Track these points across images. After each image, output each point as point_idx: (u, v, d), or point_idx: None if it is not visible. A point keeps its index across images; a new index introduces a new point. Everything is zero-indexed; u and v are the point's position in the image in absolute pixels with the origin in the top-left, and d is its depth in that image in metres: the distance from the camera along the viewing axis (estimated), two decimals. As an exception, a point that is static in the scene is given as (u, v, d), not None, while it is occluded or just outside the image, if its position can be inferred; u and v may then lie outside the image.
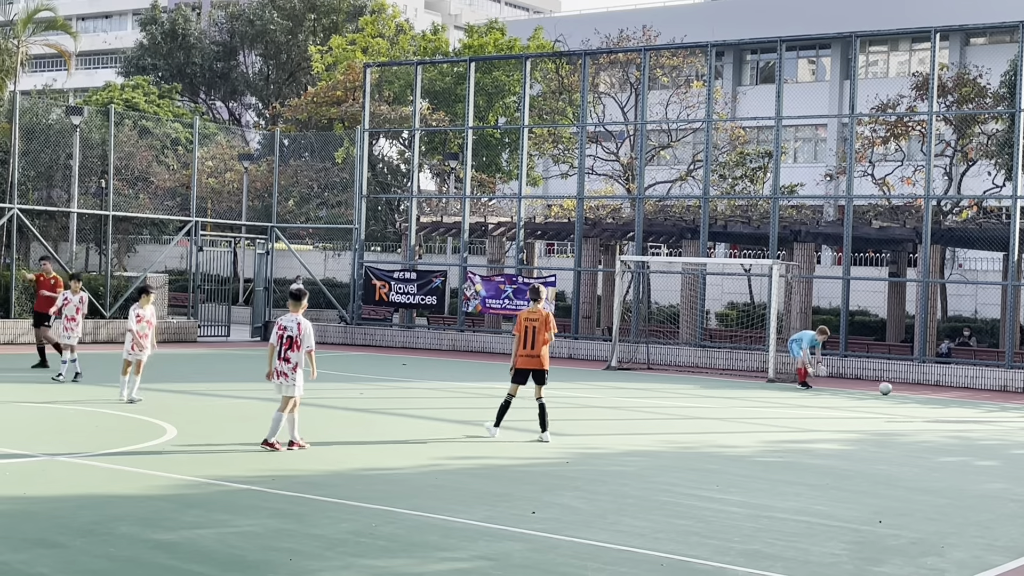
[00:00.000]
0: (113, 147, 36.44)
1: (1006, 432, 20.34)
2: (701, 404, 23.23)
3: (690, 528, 10.91)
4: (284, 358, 14.75)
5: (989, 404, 25.62)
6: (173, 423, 16.49)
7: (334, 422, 17.76)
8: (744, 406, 23.11)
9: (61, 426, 16.15)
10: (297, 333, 14.81)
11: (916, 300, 32.99)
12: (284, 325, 14.92)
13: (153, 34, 73.42)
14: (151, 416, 17.03)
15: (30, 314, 32.72)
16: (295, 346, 14.78)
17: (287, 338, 14.80)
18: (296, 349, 14.77)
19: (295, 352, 14.76)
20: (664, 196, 41.80)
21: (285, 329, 14.87)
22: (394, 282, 37.33)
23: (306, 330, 14.87)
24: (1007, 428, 21.02)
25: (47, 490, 11.64)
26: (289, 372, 14.73)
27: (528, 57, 39.24)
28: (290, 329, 14.84)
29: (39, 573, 8.46)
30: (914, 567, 9.72)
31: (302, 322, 14.93)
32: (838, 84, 60.00)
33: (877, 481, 14.12)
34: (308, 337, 14.86)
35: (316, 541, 9.79)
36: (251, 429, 16.46)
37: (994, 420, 22.40)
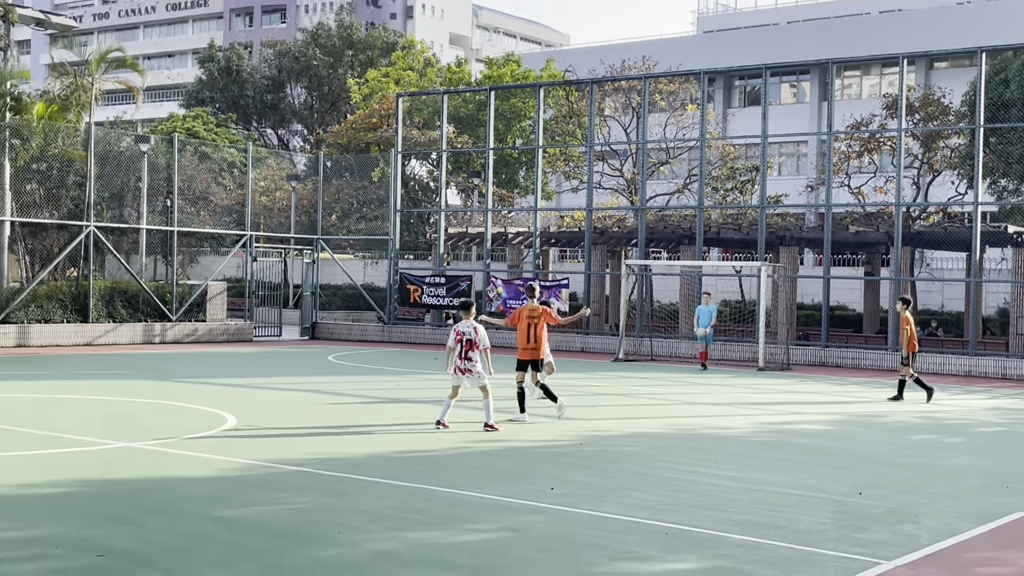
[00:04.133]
0: (177, 170, 36.57)
1: (971, 412, 20.25)
2: (699, 391, 23.19)
3: (692, 501, 10.88)
4: (467, 357, 15.17)
5: (955, 388, 25.49)
6: (233, 413, 16.54)
7: (374, 411, 17.78)
8: (737, 392, 23.07)
9: (134, 418, 16.20)
10: (475, 336, 15.20)
11: (889, 296, 32.87)
12: (462, 331, 15.25)
13: (210, 70, 73.69)
14: (214, 407, 17.08)
15: (106, 319, 32.90)
16: (475, 347, 15.19)
17: (467, 341, 15.17)
18: (476, 349, 15.21)
19: (475, 352, 15.21)
20: (664, 207, 41.72)
21: (464, 334, 15.20)
22: (426, 286, 37.34)
23: (482, 333, 15.31)
24: (972, 409, 20.93)
25: (124, 474, 11.67)
26: (473, 368, 15.21)
27: (541, 86, 39.23)
28: (468, 333, 15.19)
29: (118, 547, 8.49)
30: (892, 533, 9.68)
31: (478, 327, 15.32)
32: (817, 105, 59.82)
33: (858, 457, 14.07)
34: (484, 339, 15.31)
35: (361, 516, 9.80)
36: (302, 417, 16.52)
37: (960, 402, 22.29)
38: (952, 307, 44.19)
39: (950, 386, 25.96)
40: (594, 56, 57.52)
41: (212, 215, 46.14)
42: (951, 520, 10.33)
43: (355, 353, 31.60)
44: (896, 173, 32.06)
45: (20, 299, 31.05)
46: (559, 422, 16.78)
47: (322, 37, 72.79)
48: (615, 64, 48.62)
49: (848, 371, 29.38)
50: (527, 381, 16.76)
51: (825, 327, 32.07)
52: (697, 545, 9.08)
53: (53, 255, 33.66)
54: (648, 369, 28.42)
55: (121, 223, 37.12)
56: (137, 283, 34.33)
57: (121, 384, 21.04)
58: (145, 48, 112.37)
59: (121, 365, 25.37)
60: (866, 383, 25.65)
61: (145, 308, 34.21)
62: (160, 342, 33.86)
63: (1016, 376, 28.43)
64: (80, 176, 34.13)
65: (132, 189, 37.82)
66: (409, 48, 62.50)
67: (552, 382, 20.54)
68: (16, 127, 32.87)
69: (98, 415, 16.35)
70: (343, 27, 73.53)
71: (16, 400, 18.16)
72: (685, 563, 8.50)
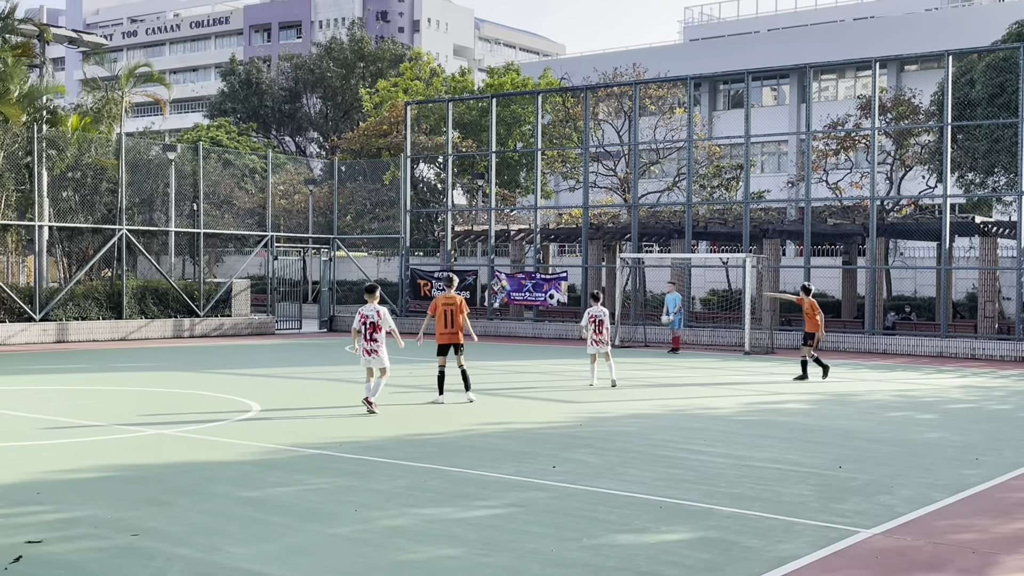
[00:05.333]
0: (202, 176, 36.56)
1: (942, 390, 20.23)
2: (689, 374, 23.17)
3: (683, 476, 10.88)
4: (372, 339, 15.10)
5: (928, 368, 25.48)
6: (257, 401, 16.55)
7: (388, 397, 17.78)
8: (725, 374, 23.05)
9: (165, 407, 16.22)
10: (379, 319, 15.13)
11: (865, 283, 32.84)
12: (366, 314, 15.18)
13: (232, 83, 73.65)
14: (239, 395, 17.09)
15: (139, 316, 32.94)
16: (379, 329, 15.13)
17: (371, 323, 15.07)
18: (380, 331, 15.15)
19: (380, 333, 15.14)
20: (655, 204, 41.67)
21: (367, 317, 15.13)
22: (435, 280, 37.32)
23: (385, 315, 15.27)
24: (943, 387, 20.90)
25: (155, 458, 11.68)
26: (379, 350, 15.17)
27: (539, 93, 39.17)
28: (372, 316, 15.11)
29: (151, 527, 8.49)
30: (870, 504, 9.67)
31: (381, 310, 15.28)
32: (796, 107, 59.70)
33: (837, 434, 14.06)
34: (388, 321, 15.27)
35: (376, 494, 9.80)
36: (321, 404, 16.52)
37: (932, 381, 22.27)
38: (924, 293, 44.13)
39: (923, 366, 25.95)
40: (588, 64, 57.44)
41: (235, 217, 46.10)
42: (925, 490, 10.32)
43: (370, 344, 31.57)
44: (870, 169, 32.00)
45: (58, 298, 31.08)
46: (561, 405, 16.79)
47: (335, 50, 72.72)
48: (608, 71, 48.51)
49: (827, 354, 29.31)
50: (447, 364, 16.93)
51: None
52: (689, 517, 9.07)
53: (88, 257, 33.67)
54: (642, 355, 28.41)
55: (151, 226, 37.12)
56: (167, 282, 34.34)
57: (152, 376, 21.05)
58: (171, 63, 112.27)
59: (152, 358, 25.39)
60: (844, 364, 25.61)
61: (175, 305, 34.24)
62: (189, 336, 33.88)
63: (984, 356, 28.41)
64: (112, 183, 34.13)
65: (161, 194, 37.82)
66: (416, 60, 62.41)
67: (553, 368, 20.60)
68: (52, 138, 32.88)
69: (131, 404, 16.36)
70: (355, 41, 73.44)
71: (56, 392, 18.19)
72: (678, 534, 8.50)
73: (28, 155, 31.62)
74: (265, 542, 8.06)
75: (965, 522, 9.10)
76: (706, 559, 7.73)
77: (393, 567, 7.45)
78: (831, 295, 44.50)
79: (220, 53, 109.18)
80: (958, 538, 8.51)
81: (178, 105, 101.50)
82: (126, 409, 15.78)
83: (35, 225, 31.54)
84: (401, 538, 8.23)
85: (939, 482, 10.79)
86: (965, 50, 33.35)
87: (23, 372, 21.52)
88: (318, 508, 9.22)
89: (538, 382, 20.80)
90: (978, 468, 11.65)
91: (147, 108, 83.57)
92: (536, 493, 9.95)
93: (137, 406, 16.15)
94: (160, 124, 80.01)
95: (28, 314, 30.18)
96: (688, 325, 33.17)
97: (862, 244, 37.89)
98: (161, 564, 7.43)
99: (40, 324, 30.28)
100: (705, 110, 61.35)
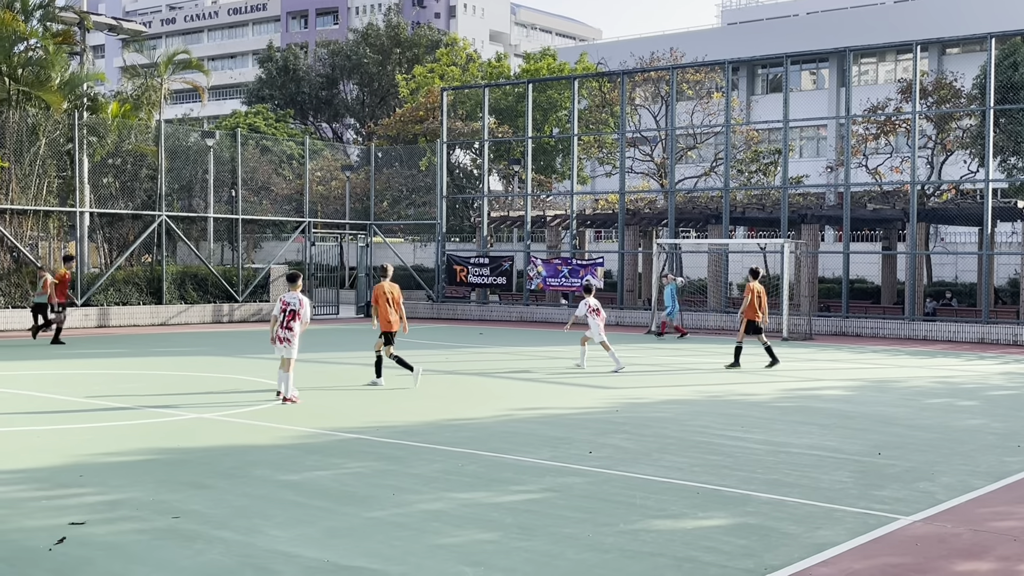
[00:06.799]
0: (240, 163, 36.79)
1: (983, 377, 20.01)
2: (726, 360, 23.05)
3: (721, 462, 10.84)
4: (288, 327, 14.78)
5: (969, 354, 25.20)
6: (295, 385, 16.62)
7: (425, 382, 17.85)
8: (763, 360, 22.92)
9: (204, 391, 16.36)
10: (299, 307, 14.88)
11: (905, 269, 32.52)
12: (288, 301, 14.93)
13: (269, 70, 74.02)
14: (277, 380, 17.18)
15: (178, 301, 33.26)
16: (297, 317, 14.85)
17: (291, 311, 14.84)
18: (297, 320, 14.85)
19: (296, 322, 14.83)
20: (692, 189, 41.46)
21: (288, 304, 14.89)
22: (471, 266, 37.38)
23: (306, 306, 14.99)
24: (984, 373, 20.68)
25: (196, 442, 11.80)
26: (292, 339, 14.80)
27: (576, 78, 39.04)
28: (293, 304, 14.87)
29: (192, 509, 8.58)
30: (909, 491, 9.60)
31: (303, 299, 15.03)
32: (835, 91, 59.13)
33: (876, 420, 13.95)
34: (307, 314, 14.96)
35: (414, 479, 9.85)
36: (358, 389, 16.60)
37: (973, 367, 22.03)
38: (965, 278, 43.64)
39: (964, 352, 25.68)
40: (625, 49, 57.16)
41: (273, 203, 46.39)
42: (966, 478, 10.22)
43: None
44: (911, 153, 31.64)
45: (100, 283, 31.43)
46: (597, 391, 16.78)
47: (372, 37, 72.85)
48: (645, 56, 48.27)
49: (867, 340, 29.11)
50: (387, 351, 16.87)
51: (845, 299, 31.80)
52: (726, 503, 9.04)
53: (129, 243, 34.01)
54: (678, 341, 28.30)
55: (190, 212, 37.42)
56: (206, 267, 34.63)
57: (192, 360, 21.25)
58: (209, 50, 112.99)
59: (192, 343, 25.63)
60: (884, 351, 25.39)
61: (213, 290, 34.53)
62: (228, 321, 34.16)
63: (1027, 343, 28.04)
64: (152, 169, 34.43)
65: (200, 181, 38.11)
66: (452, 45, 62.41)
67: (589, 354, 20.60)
68: (93, 125, 33.21)
69: (171, 388, 16.53)
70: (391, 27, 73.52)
71: (97, 376, 18.41)
72: (715, 520, 8.47)
73: (69, 142, 31.96)
74: (304, 525, 8.12)
75: (1006, 509, 9.01)
76: (744, 545, 7.71)
77: (430, 550, 7.49)
78: (870, 281, 44.12)
79: (257, 40, 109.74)
80: (999, 525, 8.42)
81: (216, 92, 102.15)
82: (166, 393, 15.94)
83: (76, 211, 31.89)
84: (438, 522, 8.26)
85: (980, 469, 10.68)
86: (1008, 32, 32.85)
87: (65, 356, 21.79)
88: (356, 492, 9.27)
89: (574, 368, 20.77)
90: (1020, 455, 11.51)
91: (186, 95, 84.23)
92: (572, 478, 9.96)
93: (177, 390, 16.30)
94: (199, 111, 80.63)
95: (70, 299, 30.53)
96: (725, 311, 33.01)
97: (902, 229, 37.51)
98: (202, 546, 7.51)
99: (82, 309, 30.64)
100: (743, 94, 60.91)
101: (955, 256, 43.63)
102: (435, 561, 7.23)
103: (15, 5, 32.05)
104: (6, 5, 31.61)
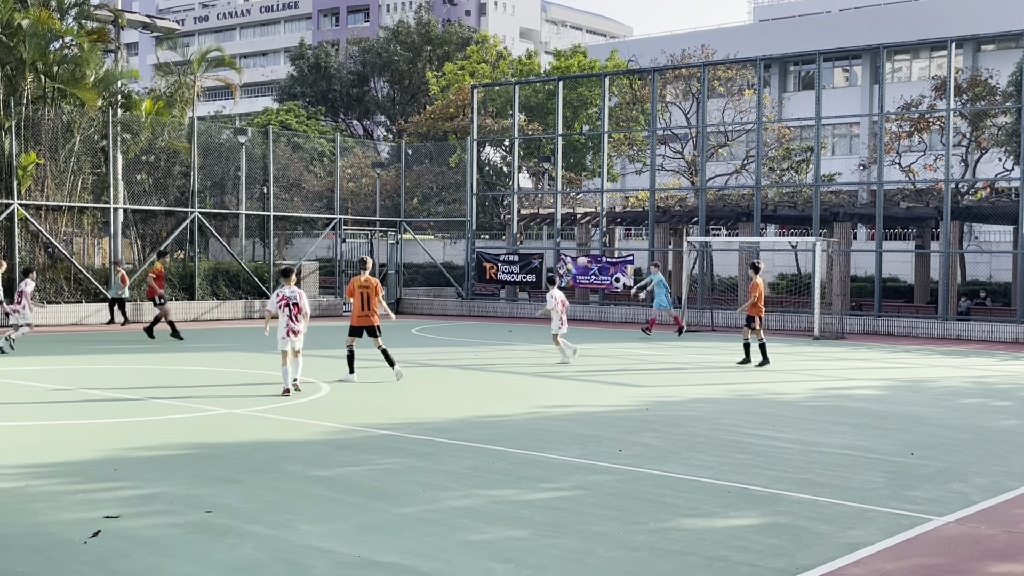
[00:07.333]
0: (272, 160, 37.01)
1: (1018, 377, 19.81)
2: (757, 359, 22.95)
3: (751, 461, 10.80)
4: (296, 319, 15.13)
5: (1003, 354, 24.96)
6: (326, 382, 16.74)
7: (455, 379, 17.90)
8: (794, 359, 22.81)
9: (236, 387, 16.47)
10: (300, 300, 15.22)
11: (939, 268, 32.24)
12: (287, 296, 15.17)
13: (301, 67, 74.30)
14: (308, 376, 17.28)
15: (210, 297, 33.51)
16: (300, 310, 15.20)
17: (293, 305, 15.15)
18: (301, 312, 15.21)
19: (302, 315, 15.21)
20: (722, 187, 41.29)
21: (289, 299, 15.17)
22: (500, 264, 37.41)
23: (305, 298, 15.38)
24: (1019, 373, 20.47)
25: (227, 437, 11.88)
26: (301, 331, 15.19)
27: (606, 75, 38.97)
28: (293, 298, 15.17)
29: (225, 503, 8.65)
30: (942, 491, 9.53)
31: (301, 293, 15.34)
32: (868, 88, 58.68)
33: (909, 420, 13.85)
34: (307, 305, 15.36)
35: (444, 475, 9.88)
36: (389, 385, 16.66)
37: (1008, 367, 21.82)
38: (1000, 277, 43.22)
39: (998, 352, 25.43)
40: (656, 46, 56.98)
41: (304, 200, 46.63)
42: (1000, 479, 10.14)
43: (436, 326, 31.80)
44: (945, 151, 31.36)
45: (133, 279, 31.71)
46: (627, 388, 16.76)
47: (402, 34, 72.99)
48: (676, 53, 48.12)
49: (899, 339, 28.89)
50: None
51: (878, 298, 31.57)
52: (757, 502, 9.01)
53: (162, 239, 34.30)
54: (709, 339, 28.21)
55: (222, 209, 37.68)
56: (238, 263, 34.86)
57: (224, 356, 21.40)
58: (241, 48, 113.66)
59: (224, 339, 25.80)
60: (917, 350, 25.20)
61: (245, 286, 34.75)
62: (259, 317, 34.35)
63: (1062, 343, 27.73)
64: (185, 166, 34.70)
65: (232, 178, 38.38)
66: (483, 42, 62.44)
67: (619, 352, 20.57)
68: (127, 122, 33.50)
69: (203, 384, 16.65)
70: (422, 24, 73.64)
71: (130, 370, 18.58)
72: (746, 519, 8.45)
73: (104, 139, 32.26)
74: (335, 520, 8.17)
75: (1041, 511, 8.92)
76: (775, 544, 7.68)
77: (460, 547, 7.51)
78: (903, 280, 43.79)
79: (289, 37, 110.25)
80: (1034, 527, 8.35)
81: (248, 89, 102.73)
82: (198, 388, 16.07)
83: (110, 208, 32.19)
84: (468, 518, 8.29)
85: (1014, 470, 10.58)
86: (1045, 29, 32.50)
87: (99, 351, 22.01)
88: (387, 488, 9.31)
89: (603, 366, 20.76)
90: (1055, 457, 11.40)
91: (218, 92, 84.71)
92: (602, 476, 9.95)
93: (208, 386, 16.43)
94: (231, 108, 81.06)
95: (104, 295, 30.82)
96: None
97: (936, 228, 37.21)
98: (234, 540, 7.57)
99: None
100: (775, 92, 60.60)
101: (989, 255, 43.21)
102: (465, 557, 7.25)
103: (51, 3, 32.39)
104: (42, 3, 31.95)
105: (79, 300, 30.64)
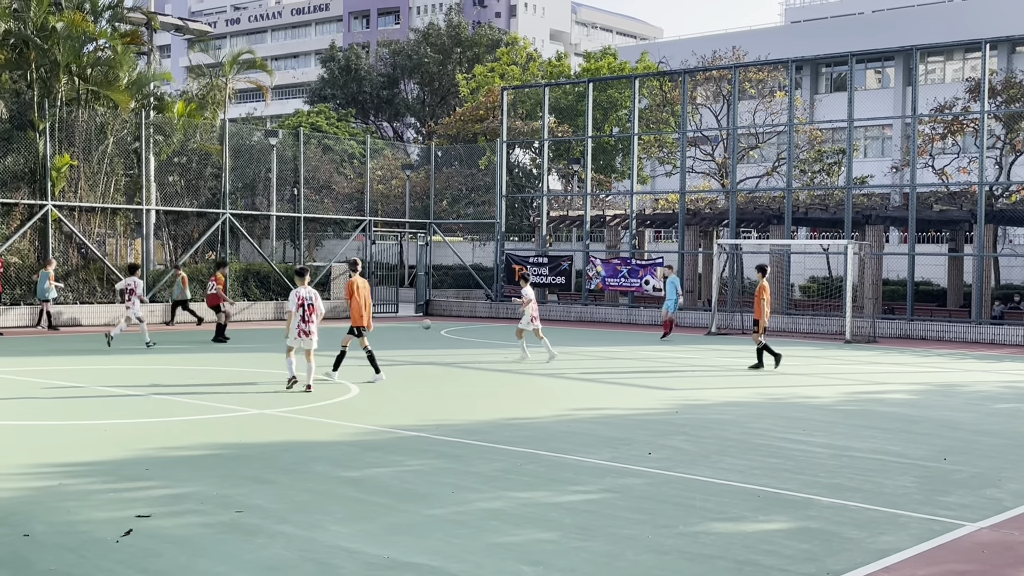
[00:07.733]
0: (302, 162, 37.19)
1: (1054, 382, 19.59)
2: (788, 362, 22.80)
3: (781, 466, 10.74)
4: (309, 320, 15.40)
5: (1038, 359, 24.69)
6: (355, 383, 16.80)
7: (486, 381, 17.91)
8: (825, 363, 22.68)
9: (266, 387, 16.55)
10: (316, 301, 15.47)
11: (972, 271, 31.96)
12: (304, 296, 15.38)
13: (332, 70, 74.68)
14: (338, 377, 17.35)
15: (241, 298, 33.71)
16: (314, 310, 15.44)
17: (309, 305, 15.38)
18: (315, 312, 15.45)
19: (315, 315, 15.45)
20: (753, 189, 41.10)
21: (305, 299, 15.38)
22: (530, 265, 37.41)
23: (319, 299, 15.66)
24: (1055, 379, 20.24)
25: (257, 438, 11.94)
26: (313, 332, 15.46)
27: (636, 77, 38.89)
28: (309, 298, 15.38)
29: (255, 504, 8.70)
30: (975, 497, 9.44)
31: (316, 294, 15.59)
32: (901, 90, 58.24)
33: (941, 425, 13.73)
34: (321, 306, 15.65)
35: (473, 477, 9.89)
36: (418, 387, 16.70)
37: (1043, 372, 21.57)
38: (1034, 281, 42.77)
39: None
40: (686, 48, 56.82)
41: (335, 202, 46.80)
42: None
43: (465, 328, 31.84)
44: (979, 154, 31.08)
45: (164, 280, 31.96)
46: (657, 392, 16.72)
47: (433, 36, 73.20)
48: (706, 55, 47.95)
49: (932, 343, 28.65)
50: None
51: (910, 301, 31.33)
52: (787, 507, 8.96)
53: (193, 240, 34.54)
54: (739, 342, 28.08)
55: (253, 210, 37.89)
56: (268, 265, 35.05)
57: (254, 357, 21.52)
58: (272, 50, 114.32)
59: (254, 339, 25.94)
60: (950, 355, 24.98)
61: (276, 287, 34.93)
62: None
63: (1098, 348, 27.40)
64: (216, 168, 34.93)
65: (263, 179, 38.57)
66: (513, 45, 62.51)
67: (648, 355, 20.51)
68: (159, 124, 33.78)
69: (233, 384, 16.74)
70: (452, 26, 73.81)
71: (161, 371, 18.72)
72: (776, 523, 8.40)
73: (136, 140, 32.54)
74: (365, 521, 8.20)
75: (1077, 518, 8.82)
76: (805, 549, 7.63)
77: (489, 549, 7.51)
78: (936, 283, 43.41)
79: (320, 40, 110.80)
80: (1069, 535, 8.25)
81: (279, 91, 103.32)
82: (229, 389, 16.16)
83: (143, 209, 32.46)
84: (497, 520, 8.29)
85: (1049, 477, 10.47)
86: (1082, 30, 32.15)
87: (132, 352, 22.18)
88: (416, 489, 9.33)
89: (633, 368, 20.72)
90: (1091, 463, 11.26)
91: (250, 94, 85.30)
92: (632, 479, 9.93)
93: (239, 385, 16.52)
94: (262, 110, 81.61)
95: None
96: (787, 313, 32.69)
97: (969, 231, 36.85)
98: (264, 540, 7.62)
99: (147, 305, 31.15)
100: (806, 93, 60.27)
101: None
102: (494, 560, 7.26)
103: (85, 6, 32.70)
104: (76, 6, 32.27)
105: (112, 300, 30.91)
